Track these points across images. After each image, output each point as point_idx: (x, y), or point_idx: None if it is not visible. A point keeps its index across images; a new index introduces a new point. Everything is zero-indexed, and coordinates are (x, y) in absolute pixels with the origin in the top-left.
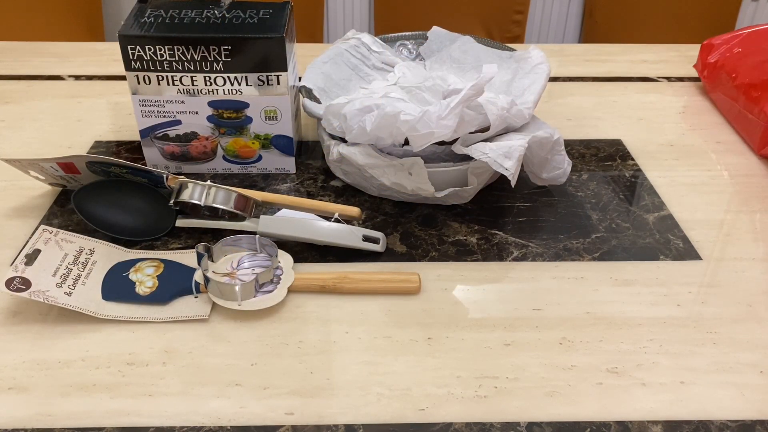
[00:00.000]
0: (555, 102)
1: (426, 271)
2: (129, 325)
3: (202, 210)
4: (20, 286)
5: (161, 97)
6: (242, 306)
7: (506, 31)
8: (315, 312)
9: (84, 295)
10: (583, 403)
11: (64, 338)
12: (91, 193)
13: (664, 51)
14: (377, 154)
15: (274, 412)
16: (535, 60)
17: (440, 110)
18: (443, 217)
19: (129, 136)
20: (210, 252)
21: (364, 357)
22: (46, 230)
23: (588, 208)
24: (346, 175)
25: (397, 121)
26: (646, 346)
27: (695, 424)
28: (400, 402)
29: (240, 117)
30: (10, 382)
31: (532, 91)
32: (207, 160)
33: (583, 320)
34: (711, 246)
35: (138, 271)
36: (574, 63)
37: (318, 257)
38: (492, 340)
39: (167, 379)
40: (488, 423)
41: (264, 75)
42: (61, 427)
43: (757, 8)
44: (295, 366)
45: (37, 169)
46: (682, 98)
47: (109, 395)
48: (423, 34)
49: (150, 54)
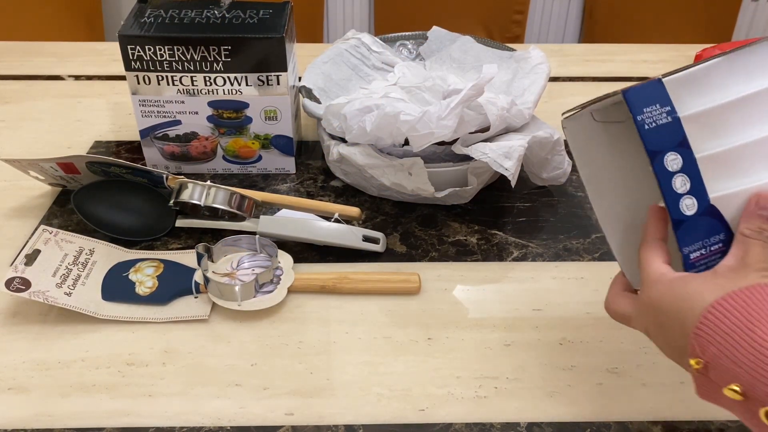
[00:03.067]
0: (555, 102)
1: (426, 271)
2: (129, 326)
3: (202, 210)
4: (20, 286)
5: (161, 97)
6: (242, 306)
7: (506, 31)
8: (315, 312)
9: (84, 296)
10: (583, 403)
11: (63, 338)
12: (91, 193)
13: (664, 51)
14: (377, 154)
15: (274, 412)
16: (535, 60)
17: (440, 110)
18: (443, 217)
19: (129, 136)
20: (210, 252)
21: (364, 357)
22: (46, 230)
23: (588, 208)
24: (346, 175)
25: (397, 121)
26: (646, 346)
27: (695, 424)
28: (400, 402)
29: (240, 117)
30: (10, 382)
31: (532, 91)
32: (207, 160)
33: (583, 320)
34: None
35: (138, 271)
36: (574, 63)
37: (318, 257)
38: (492, 340)
39: (167, 380)
40: (488, 423)
41: (264, 75)
42: (61, 427)
43: (757, 8)
44: (295, 366)
45: (37, 169)
46: None
47: (109, 395)
48: (423, 34)
49: (150, 54)
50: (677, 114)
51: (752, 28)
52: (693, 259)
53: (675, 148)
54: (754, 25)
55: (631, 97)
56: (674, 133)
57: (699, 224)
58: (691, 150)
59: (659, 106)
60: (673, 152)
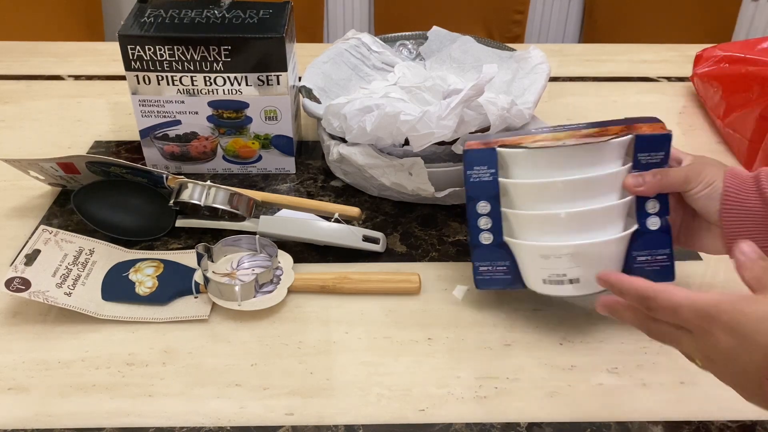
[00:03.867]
0: (555, 102)
1: (426, 271)
2: (129, 326)
3: (202, 210)
4: (20, 286)
5: (161, 97)
6: (242, 306)
7: (506, 31)
8: (315, 312)
9: (84, 296)
10: (583, 403)
11: (63, 338)
12: (91, 193)
13: (664, 51)
14: (377, 154)
15: (274, 412)
16: (535, 60)
17: (440, 110)
18: (443, 217)
19: (129, 136)
20: (210, 252)
21: (364, 357)
22: (45, 230)
23: None
24: (346, 175)
25: (397, 121)
26: (646, 346)
27: (695, 425)
28: (400, 402)
29: (240, 117)
30: (10, 382)
31: (532, 91)
32: (207, 160)
33: (583, 320)
34: None
35: (138, 271)
36: (574, 63)
37: (318, 257)
38: (492, 340)
39: (167, 380)
40: (488, 423)
41: (264, 75)
42: (61, 427)
43: (757, 8)
44: (295, 366)
45: (37, 169)
46: (682, 98)
47: (108, 395)
48: (423, 34)
49: (150, 54)
50: (497, 177)
51: (752, 28)
52: (482, 271)
53: (488, 199)
54: (754, 25)
55: (468, 156)
56: (491, 189)
57: (491, 251)
58: (498, 203)
59: (487, 168)
60: (485, 201)
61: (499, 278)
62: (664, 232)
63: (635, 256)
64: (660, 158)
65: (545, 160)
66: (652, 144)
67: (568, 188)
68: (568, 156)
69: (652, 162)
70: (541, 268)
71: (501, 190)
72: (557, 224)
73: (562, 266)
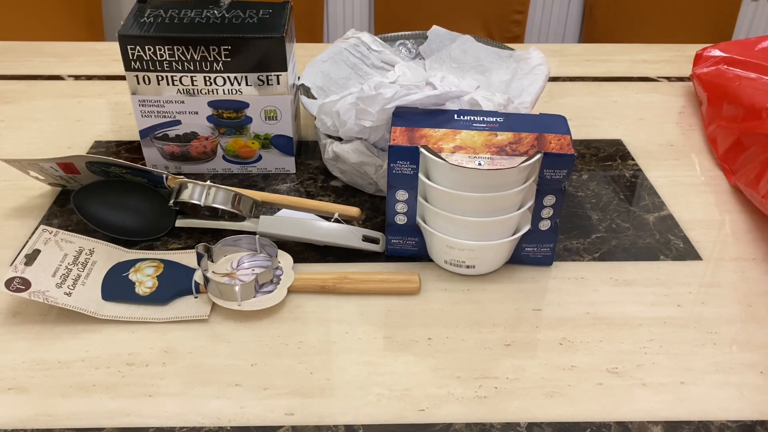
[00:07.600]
0: (555, 102)
1: (426, 271)
2: (129, 326)
3: (202, 210)
4: (20, 286)
5: (161, 97)
6: (242, 306)
7: (506, 31)
8: (315, 312)
9: (84, 296)
10: (583, 404)
11: (63, 338)
12: (91, 193)
13: (664, 51)
14: (369, 151)
15: (274, 412)
16: (535, 61)
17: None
18: None
19: (129, 136)
20: (210, 252)
21: (364, 357)
22: (45, 230)
23: (588, 208)
24: (343, 174)
25: (378, 95)
26: (646, 347)
27: (695, 425)
28: (400, 402)
29: (240, 117)
30: (10, 382)
31: (530, 92)
32: (207, 160)
33: (583, 320)
34: (711, 246)
35: (138, 271)
36: (574, 63)
37: (318, 257)
38: (492, 340)
39: (167, 380)
40: (488, 423)
41: (264, 75)
42: (61, 427)
43: (757, 8)
44: (295, 366)
45: (37, 169)
46: (682, 98)
47: (108, 395)
48: (423, 34)
49: (150, 54)
50: (418, 172)
51: (752, 28)
52: (393, 243)
53: (406, 189)
54: (754, 25)
55: (393, 151)
56: (410, 181)
57: (404, 230)
58: (416, 193)
59: (409, 163)
60: (404, 191)
61: (408, 249)
62: (552, 231)
63: (524, 247)
64: (563, 175)
65: (461, 176)
66: (557, 162)
67: (478, 203)
68: (481, 177)
69: (555, 177)
70: (445, 253)
71: (419, 184)
72: (464, 227)
73: (463, 256)
